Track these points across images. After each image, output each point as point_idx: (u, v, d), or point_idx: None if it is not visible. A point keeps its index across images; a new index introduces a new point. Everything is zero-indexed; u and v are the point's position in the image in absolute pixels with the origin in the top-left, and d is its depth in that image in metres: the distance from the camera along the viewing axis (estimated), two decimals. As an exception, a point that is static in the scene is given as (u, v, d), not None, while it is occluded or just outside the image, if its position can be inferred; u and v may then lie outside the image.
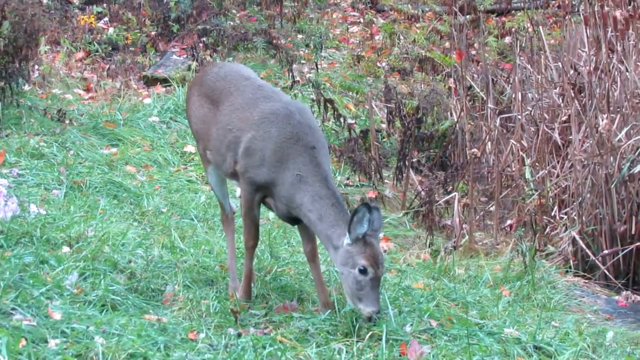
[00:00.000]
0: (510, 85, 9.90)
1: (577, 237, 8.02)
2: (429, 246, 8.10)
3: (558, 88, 9.32)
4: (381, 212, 6.00)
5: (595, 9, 9.89)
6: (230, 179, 6.48)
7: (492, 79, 10.03)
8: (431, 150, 9.61)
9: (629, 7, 10.32)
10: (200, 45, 11.33)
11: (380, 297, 5.83)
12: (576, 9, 10.99)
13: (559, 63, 9.63)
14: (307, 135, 6.12)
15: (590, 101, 8.77)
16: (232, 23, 11.70)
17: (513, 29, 11.74)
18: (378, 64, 11.33)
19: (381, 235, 6.05)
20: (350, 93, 10.84)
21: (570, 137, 8.68)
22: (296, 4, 12.37)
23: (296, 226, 6.45)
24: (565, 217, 8.27)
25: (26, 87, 9.42)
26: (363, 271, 5.73)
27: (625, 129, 8.37)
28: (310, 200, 5.95)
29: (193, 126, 6.76)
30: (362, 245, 5.75)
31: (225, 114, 6.35)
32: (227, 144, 6.26)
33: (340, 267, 5.86)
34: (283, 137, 6.07)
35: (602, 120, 8.47)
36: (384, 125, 9.95)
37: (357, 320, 5.85)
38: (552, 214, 8.36)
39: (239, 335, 5.67)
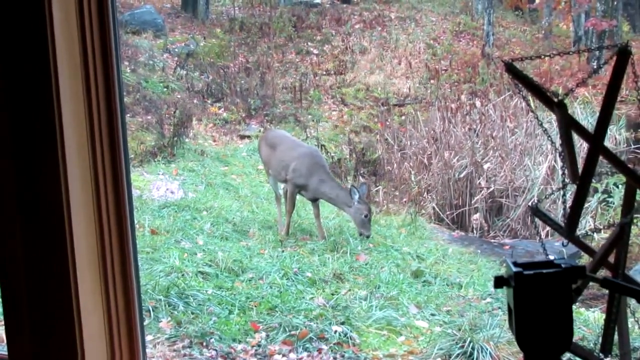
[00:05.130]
0: (404, 138, 9.91)
1: (435, 206, 8.02)
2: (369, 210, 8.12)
3: (426, 139, 9.32)
4: (365, 186, 6.14)
5: (443, 103, 9.95)
6: (283, 183, 6.43)
7: (397, 135, 10.03)
8: (369, 167, 9.60)
9: (458, 102, 10.38)
10: (264, 120, 11.37)
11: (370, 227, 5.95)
12: (434, 103, 10.98)
13: (427, 127, 9.65)
14: (320, 161, 6.17)
15: (441, 144, 8.79)
16: (279, 110, 11.74)
17: (406, 112, 11.74)
18: (345, 129, 11.33)
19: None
20: (333, 141, 10.85)
21: (432, 161, 8.68)
22: (307, 101, 12.38)
23: (305, 203, 6.42)
24: (430, 197, 8.26)
25: (186, 140, 9.47)
26: (366, 216, 5.84)
27: (456, 157, 8.38)
28: (329, 189, 5.98)
29: (262, 159, 6.72)
30: (362, 204, 5.85)
31: (278, 153, 6.30)
32: (282, 167, 6.21)
33: (353, 215, 5.90)
34: (310, 163, 6.07)
35: (447, 153, 8.48)
36: (347, 156, 9.94)
37: (336, 244, 5.82)
38: (424, 196, 8.35)
39: (283, 251, 5.65)
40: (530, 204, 7.64)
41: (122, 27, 12.45)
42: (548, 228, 6.71)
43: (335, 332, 4.14)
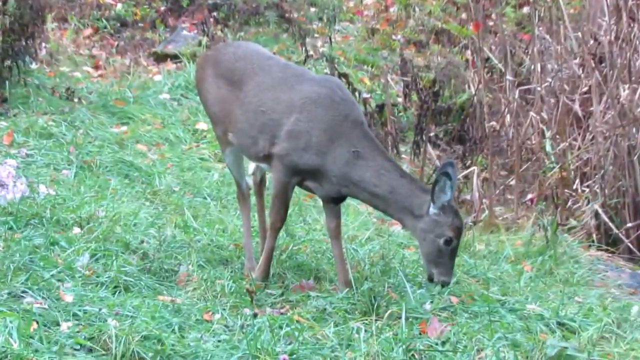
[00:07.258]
0: (529, 56, 9.86)
1: (600, 211, 7.96)
2: (448, 222, 8.08)
3: (578, 58, 9.26)
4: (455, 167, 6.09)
5: (616, -24, 9.89)
6: (259, 162, 6.41)
7: (511, 50, 9.97)
8: (449, 124, 9.57)
9: (651, -25, 10.30)
10: (211, 20, 11.31)
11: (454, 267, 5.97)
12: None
13: (579, 33, 9.57)
14: (353, 110, 6.12)
15: (611, 71, 8.72)
16: (244, -5, 11.71)
17: (531, -1, 11.68)
18: (393, 37, 11.27)
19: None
20: (365, 67, 10.82)
21: (591, 109, 8.63)
22: (308, -23, 12.35)
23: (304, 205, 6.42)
24: (588, 190, 8.22)
25: (33, 66, 9.43)
26: (448, 242, 5.83)
27: (648, 99, 8.35)
28: (374, 175, 5.94)
29: (210, 108, 6.64)
30: (449, 214, 5.84)
31: (252, 94, 6.25)
32: (260, 126, 6.16)
33: (422, 233, 5.90)
34: (331, 116, 6.03)
35: (624, 90, 8.43)
36: (400, 99, 9.91)
37: (376, 299, 5.85)
38: (574, 187, 8.30)
39: (255, 315, 5.65)
40: None
41: None
42: None
43: None
